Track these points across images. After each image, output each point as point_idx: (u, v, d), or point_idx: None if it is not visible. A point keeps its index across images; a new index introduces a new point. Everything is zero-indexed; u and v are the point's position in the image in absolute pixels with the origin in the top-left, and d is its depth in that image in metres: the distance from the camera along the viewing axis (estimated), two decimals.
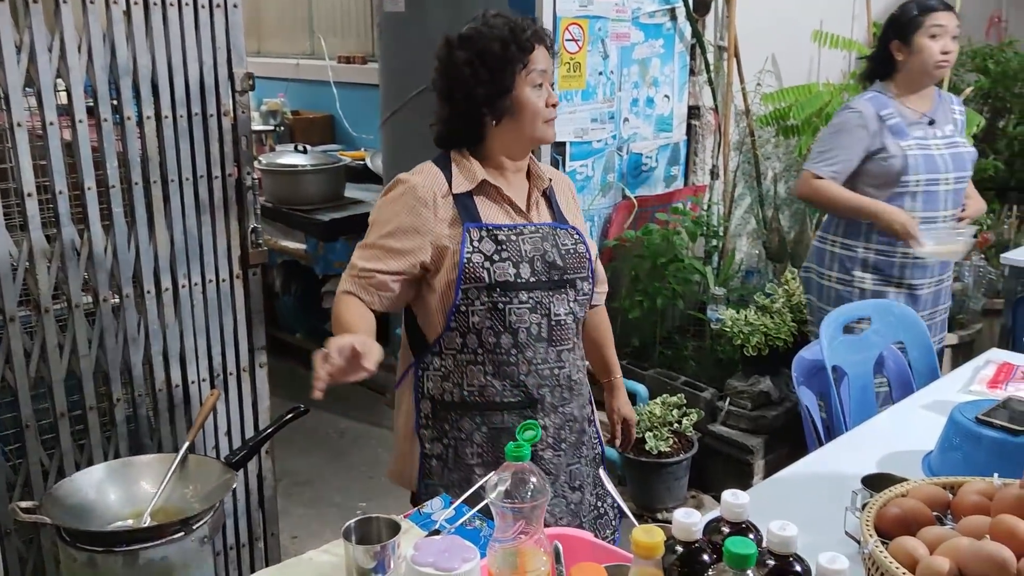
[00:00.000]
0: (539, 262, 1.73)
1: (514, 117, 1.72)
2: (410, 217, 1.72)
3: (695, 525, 1.01)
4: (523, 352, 1.73)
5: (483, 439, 1.77)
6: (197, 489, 1.74)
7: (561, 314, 1.76)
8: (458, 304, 1.72)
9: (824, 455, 1.85)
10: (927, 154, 2.64)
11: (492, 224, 1.72)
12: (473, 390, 1.75)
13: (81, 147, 2.14)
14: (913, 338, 2.32)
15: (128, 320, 2.30)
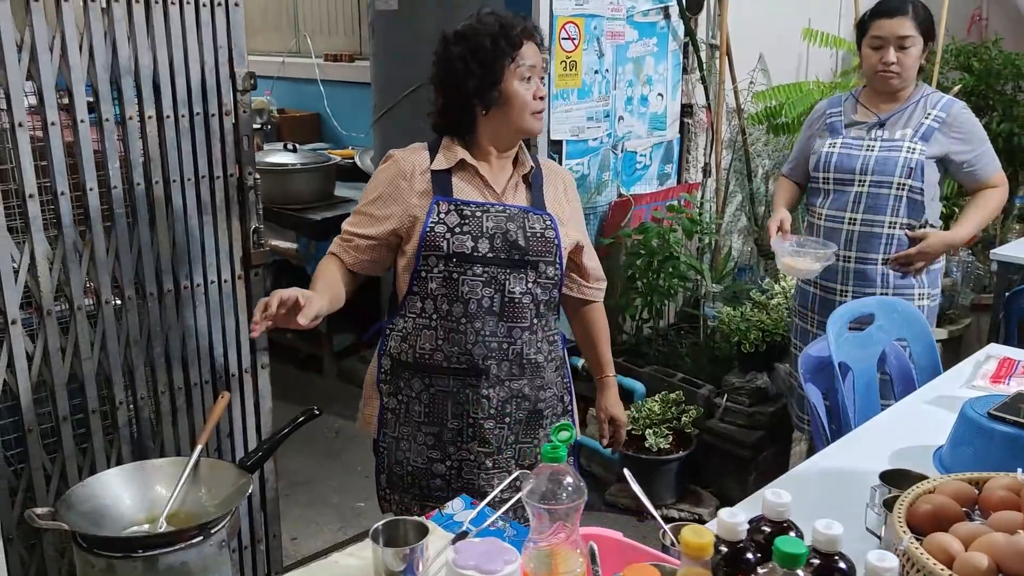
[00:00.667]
0: (499, 239, 1.84)
1: (502, 108, 1.85)
2: (390, 188, 1.90)
3: (740, 525, 1.02)
4: (472, 323, 1.85)
5: (429, 399, 1.91)
6: (212, 492, 1.72)
7: (516, 292, 1.86)
8: (419, 269, 1.86)
9: (836, 451, 1.87)
10: (847, 154, 2.60)
11: (461, 200, 1.86)
12: (424, 352, 1.89)
13: (83, 147, 2.12)
14: (915, 334, 2.35)
15: (130, 322, 2.27)
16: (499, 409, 1.90)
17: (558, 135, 3.17)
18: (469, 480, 1.93)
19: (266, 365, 2.58)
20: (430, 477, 1.95)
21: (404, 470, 1.98)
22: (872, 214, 2.57)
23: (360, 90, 5.24)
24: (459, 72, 1.84)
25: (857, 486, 1.69)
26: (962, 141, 2.56)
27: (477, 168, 1.89)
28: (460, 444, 1.92)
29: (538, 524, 1.18)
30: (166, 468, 1.77)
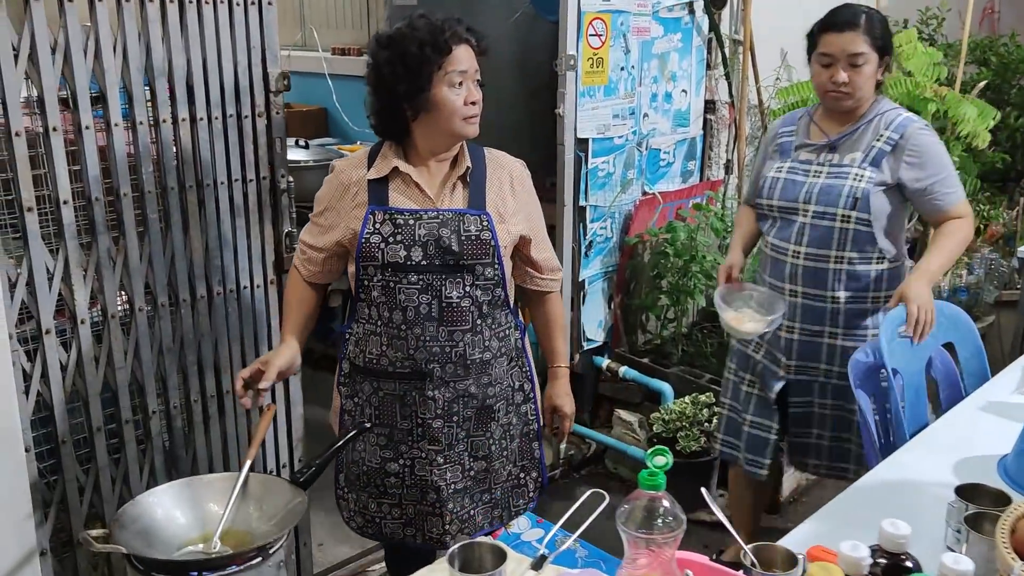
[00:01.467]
0: (432, 247, 1.84)
1: (431, 114, 1.83)
2: (332, 200, 1.93)
3: (864, 560, 0.98)
4: (412, 329, 1.87)
5: (378, 402, 1.95)
6: (263, 510, 1.67)
7: (454, 297, 1.87)
8: (361, 279, 1.89)
9: (897, 462, 1.84)
10: (792, 180, 2.34)
11: (395, 208, 1.86)
12: (372, 357, 1.93)
13: (116, 151, 2.06)
14: (963, 338, 2.32)
15: (163, 329, 2.22)
16: (446, 409, 1.93)
17: (584, 133, 3.12)
18: (422, 476, 1.96)
19: (298, 371, 2.53)
20: (384, 476, 1.99)
21: (360, 469, 2.02)
22: (817, 247, 2.30)
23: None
24: (387, 77, 1.83)
25: (925, 498, 1.66)
26: (916, 167, 2.25)
27: (410, 175, 1.88)
28: (411, 443, 1.95)
29: (633, 552, 1.14)
30: (215, 484, 1.72)
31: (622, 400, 3.36)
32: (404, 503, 1.99)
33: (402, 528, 2.01)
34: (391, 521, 2.01)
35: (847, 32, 2.20)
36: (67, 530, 2.16)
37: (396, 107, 1.84)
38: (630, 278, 3.45)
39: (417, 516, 2.00)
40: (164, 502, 1.65)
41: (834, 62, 2.23)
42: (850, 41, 2.21)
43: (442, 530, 1.98)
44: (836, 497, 1.70)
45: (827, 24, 2.25)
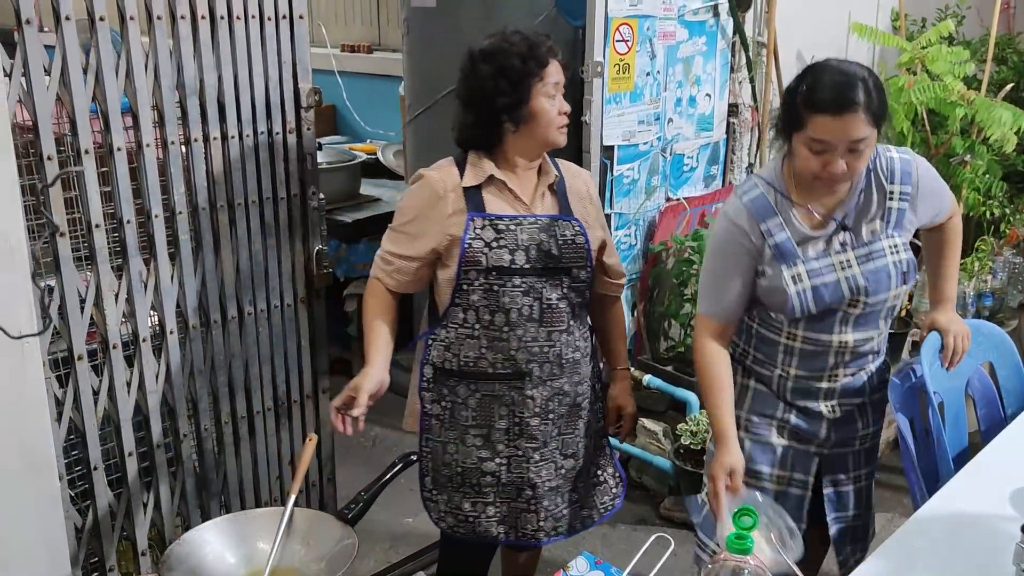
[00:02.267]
0: (534, 251, 1.91)
1: (529, 125, 1.90)
2: (425, 208, 1.93)
3: None
4: (514, 330, 1.93)
5: (476, 404, 1.98)
6: (310, 546, 1.65)
7: (553, 299, 1.95)
8: (460, 283, 1.92)
9: (950, 494, 1.80)
10: (821, 284, 1.85)
11: (494, 214, 1.92)
12: (469, 360, 1.96)
13: (148, 172, 2.01)
14: (1002, 358, 2.29)
15: (194, 352, 2.18)
16: (543, 407, 2.00)
17: (610, 140, 3.07)
18: (518, 474, 2.02)
19: (327, 389, 2.50)
20: (480, 475, 2.03)
21: (453, 471, 2.04)
22: (865, 331, 1.92)
23: (379, 82, 5.11)
24: (489, 90, 1.88)
25: (985, 534, 1.64)
26: (933, 205, 1.96)
27: (506, 182, 1.95)
28: (508, 442, 2.00)
29: None
30: (260, 519, 1.70)
31: (646, 409, 3.32)
32: (499, 502, 2.04)
33: (496, 526, 2.05)
34: (485, 520, 2.05)
35: (847, 115, 1.69)
36: (98, 555, 2.13)
37: (495, 119, 1.90)
38: (653, 285, 3.42)
39: (511, 514, 2.05)
40: (210, 539, 1.62)
41: (829, 150, 1.73)
42: (851, 126, 1.70)
43: (536, 527, 2.05)
44: (894, 533, 1.67)
45: (819, 105, 1.71)
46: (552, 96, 1.90)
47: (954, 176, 3.71)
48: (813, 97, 1.72)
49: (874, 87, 1.74)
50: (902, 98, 3.44)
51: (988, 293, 3.67)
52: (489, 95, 1.87)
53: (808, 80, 1.75)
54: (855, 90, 1.70)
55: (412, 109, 3.73)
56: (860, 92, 1.70)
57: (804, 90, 1.74)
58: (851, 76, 1.72)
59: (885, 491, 3.34)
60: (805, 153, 1.76)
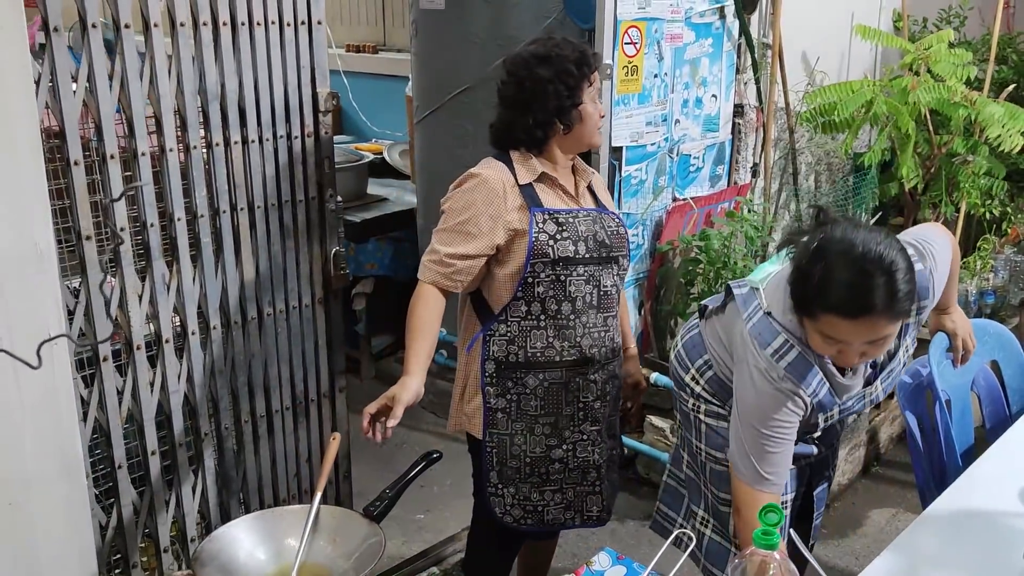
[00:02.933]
0: (591, 241, 2.03)
1: (577, 126, 2.02)
2: (486, 205, 1.97)
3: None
4: (579, 317, 2.04)
5: (544, 392, 2.07)
6: (336, 543, 1.69)
7: (607, 285, 2.08)
8: (526, 276, 1.99)
9: (960, 492, 1.84)
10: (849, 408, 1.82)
11: (552, 209, 2.02)
12: (536, 351, 2.04)
13: (171, 176, 2.05)
14: (1008, 356, 2.34)
15: (215, 352, 2.22)
16: (602, 390, 2.12)
17: (619, 141, 3.11)
18: (584, 458, 2.13)
19: (343, 388, 2.54)
20: (548, 463, 2.11)
21: (521, 463, 2.11)
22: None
23: (385, 82, 5.14)
24: (547, 93, 1.97)
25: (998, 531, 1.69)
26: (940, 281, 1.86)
27: (556, 179, 2.05)
28: (574, 427, 2.11)
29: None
30: (287, 517, 1.73)
31: (654, 406, 3.36)
32: (565, 487, 2.13)
33: (563, 512, 2.15)
34: (553, 507, 2.14)
35: (862, 319, 1.52)
36: (122, 553, 2.17)
37: (549, 120, 1.99)
38: (660, 284, 3.46)
39: (577, 498, 2.15)
40: (240, 537, 1.65)
41: (845, 343, 1.58)
42: (868, 329, 1.54)
43: (601, 507, 2.18)
44: (907, 529, 1.72)
45: (832, 306, 1.53)
46: (595, 100, 2.04)
47: (956, 176, 3.75)
48: (825, 296, 1.53)
49: (901, 282, 1.51)
50: (905, 98, 3.48)
51: (990, 291, 3.72)
52: (547, 97, 1.97)
53: (821, 270, 1.52)
54: (873, 294, 1.49)
55: (420, 110, 3.77)
56: (879, 295, 1.49)
57: (816, 282, 1.53)
58: (869, 276, 1.50)
59: (890, 487, 3.40)
60: (818, 340, 1.60)
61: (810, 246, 1.58)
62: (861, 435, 3.37)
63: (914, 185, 3.71)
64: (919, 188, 3.76)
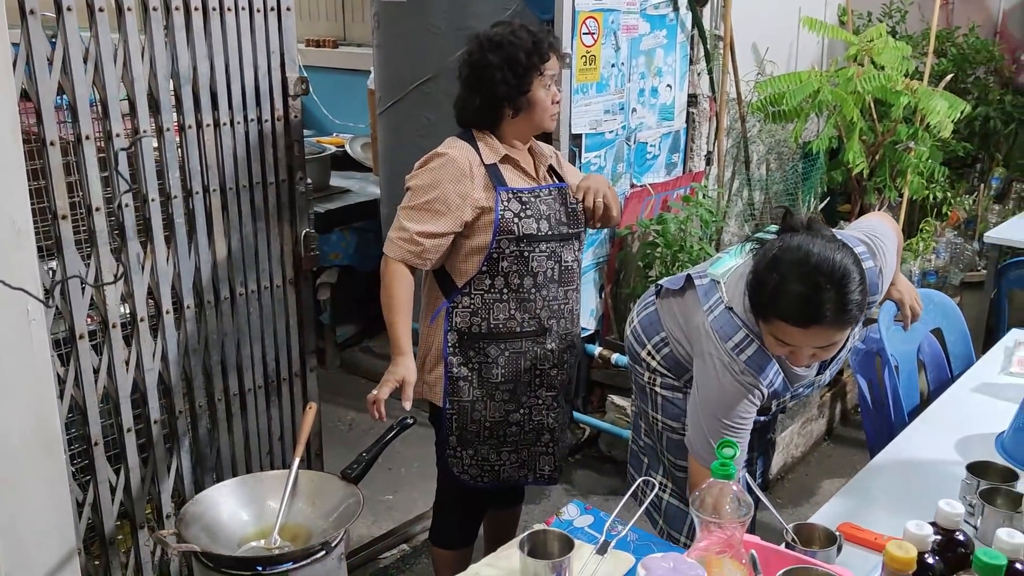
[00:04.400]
0: (553, 219, 2.12)
1: (527, 112, 2.09)
2: (453, 184, 2.04)
3: (928, 537, 1.10)
4: (540, 291, 2.15)
5: (506, 361, 2.16)
6: (316, 504, 1.75)
7: (568, 260, 2.18)
8: (491, 252, 2.08)
9: (903, 443, 1.97)
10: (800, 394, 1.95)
11: (516, 188, 2.10)
12: (499, 323, 2.13)
13: (145, 158, 2.09)
14: (950, 324, 2.48)
15: (189, 331, 2.26)
16: (559, 358, 2.23)
17: (578, 129, 3.21)
18: (539, 421, 2.25)
19: (314, 368, 2.59)
20: (507, 426, 2.22)
21: (480, 427, 2.21)
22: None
23: (345, 76, 5.19)
24: (494, 79, 2.05)
25: (935, 476, 1.81)
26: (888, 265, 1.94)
27: (518, 160, 2.14)
28: (531, 393, 2.22)
29: (705, 535, 1.25)
30: (268, 481, 1.80)
31: (615, 386, 3.47)
32: (520, 448, 2.25)
33: (518, 470, 2.27)
34: (509, 466, 2.25)
35: (812, 327, 1.60)
36: (98, 530, 2.20)
37: (497, 104, 2.07)
38: (620, 268, 3.56)
39: (531, 458, 2.27)
40: (223, 500, 1.71)
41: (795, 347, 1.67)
42: (817, 336, 1.62)
43: (553, 467, 2.30)
44: (854, 477, 1.83)
45: (783, 314, 1.61)
46: (548, 87, 2.09)
47: (899, 162, 3.92)
48: (778, 304, 1.61)
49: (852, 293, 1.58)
50: (850, 87, 3.63)
51: (932, 271, 3.89)
52: (494, 83, 2.04)
53: (776, 278, 1.60)
54: (823, 306, 1.57)
55: (383, 101, 3.83)
56: (829, 308, 1.57)
57: (770, 290, 1.61)
58: (820, 289, 1.57)
59: (841, 459, 3.54)
60: (771, 340, 1.68)
61: (768, 253, 1.66)
62: (813, 410, 3.51)
63: (860, 171, 3.86)
64: (865, 174, 3.92)
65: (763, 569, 1.28)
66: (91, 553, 2.20)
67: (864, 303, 1.63)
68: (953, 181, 4.41)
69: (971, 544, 1.16)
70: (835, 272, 1.57)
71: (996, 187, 4.48)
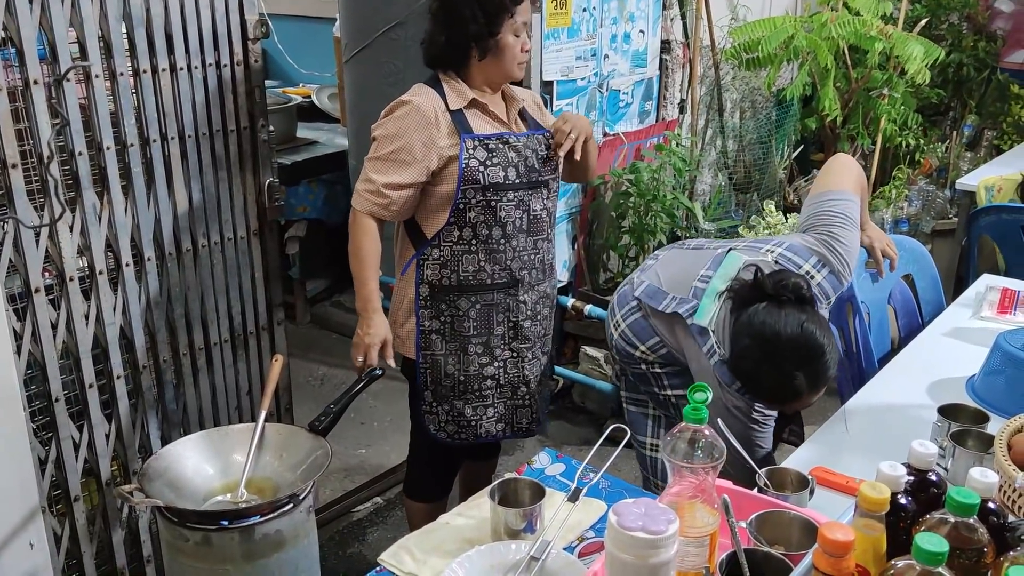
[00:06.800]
0: (522, 167, 2.06)
1: (495, 56, 2.03)
2: (418, 132, 1.99)
3: (902, 477, 1.09)
4: (509, 242, 2.09)
5: (477, 314, 2.12)
6: (283, 457, 1.72)
7: (537, 209, 2.13)
8: (458, 203, 2.03)
9: (875, 388, 1.97)
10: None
11: (482, 135, 2.04)
12: (468, 275, 2.09)
13: (98, 104, 2.01)
14: (921, 270, 2.47)
15: (151, 284, 2.20)
16: (533, 310, 2.19)
17: (549, 75, 3.14)
18: (514, 374, 2.21)
19: (282, 321, 2.54)
20: (482, 380, 2.18)
21: (455, 381, 2.17)
22: None
23: (311, 24, 5.05)
24: (464, 16, 1.99)
25: (907, 419, 1.81)
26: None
27: (487, 104, 2.07)
28: (504, 346, 2.18)
29: (677, 480, 1.23)
30: (233, 435, 1.76)
31: (587, 337, 3.46)
32: (497, 402, 2.21)
33: (495, 425, 2.23)
34: (486, 421, 2.22)
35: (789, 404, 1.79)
36: (63, 487, 2.16)
37: (464, 44, 2.00)
38: (592, 219, 3.53)
39: (508, 411, 2.24)
40: (187, 454, 1.67)
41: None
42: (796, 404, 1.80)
43: (531, 419, 2.27)
44: (825, 423, 1.83)
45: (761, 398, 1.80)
46: (518, 34, 2.02)
47: (874, 108, 3.89)
48: (756, 392, 1.76)
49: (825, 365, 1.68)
50: (824, 33, 3.59)
51: (904, 219, 3.89)
52: (464, 20, 1.98)
53: (749, 370, 1.72)
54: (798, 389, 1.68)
55: (348, 49, 3.73)
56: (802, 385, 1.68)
57: (746, 380, 1.75)
58: (792, 376, 1.67)
59: (827, 397, 3.55)
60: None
61: (740, 339, 1.73)
62: None
63: (833, 119, 3.84)
64: (838, 122, 3.89)
65: (736, 513, 1.26)
66: (56, 511, 2.16)
67: (835, 367, 1.72)
68: (926, 129, 4.40)
69: (943, 484, 1.15)
70: (803, 353, 1.67)
71: (968, 135, 4.48)
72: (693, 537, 1.21)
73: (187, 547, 1.51)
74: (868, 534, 1.01)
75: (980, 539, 0.99)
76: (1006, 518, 1.09)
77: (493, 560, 1.29)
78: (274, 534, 1.53)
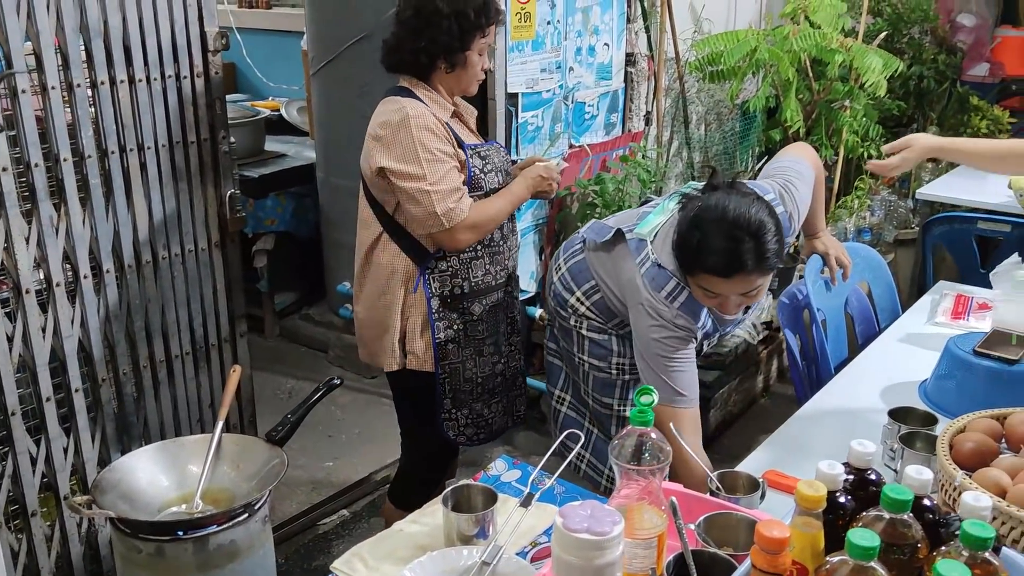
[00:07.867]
0: (503, 172, 2.18)
1: (458, 71, 2.08)
2: (437, 141, 2.01)
3: (840, 476, 1.10)
4: (505, 242, 2.22)
5: (487, 316, 2.21)
6: (240, 468, 1.71)
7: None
8: None
9: (830, 392, 2.00)
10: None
11: (472, 144, 2.12)
12: (478, 279, 2.16)
13: (54, 115, 2.01)
14: (877, 277, 2.50)
15: (110, 297, 2.19)
16: (521, 304, 2.35)
17: (513, 88, 3.16)
18: (513, 366, 2.33)
19: (244, 333, 2.54)
20: (494, 378, 2.27)
21: (473, 385, 2.23)
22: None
23: (279, 38, 5.06)
24: (440, 27, 2.01)
25: (859, 423, 1.83)
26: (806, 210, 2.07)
27: (462, 115, 2.17)
28: (506, 342, 2.29)
29: (625, 482, 1.24)
30: (189, 446, 1.75)
31: None
32: (503, 396, 2.31)
33: (502, 418, 2.33)
34: (498, 417, 2.31)
35: (736, 276, 1.72)
36: (20, 502, 2.13)
37: (434, 53, 2.04)
38: (559, 229, 3.54)
39: (509, 402, 2.34)
40: (141, 466, 1.66)
41: (722, 296, 1.78)
42: (741, 284, 1.73)
43: (523, 405, 2.39)
44: (780, 427, 1.85)
45: (708, 267, 1.73)
46: (482, 53, 2.10)
47: (835, 120, 3.95)
48: (702, 259, 1.72)
49: (770, 242, 1.69)
50: (786, 46, 3.64)
51: (867, 229, 3.94)
52: (439, 31, 2.01)
53: (698, 237, 1.71)
54: (743, 256, 1.68)
55: (316, 61, 3.74)
56: (749, 256, 1.68)
57: (694, 247, 1.72)
58: (739, 241, 1.67)
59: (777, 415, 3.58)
60: (700, 293, 1.79)
61: (690, 213, 1.77)
62: (750, 368, 3.55)
63: (796, 130, 3.89)
64: (801, 133, 3.94)
65: (685, 516, 1.27)
66: (13, 527, 2.14)
67: (781, 250, 1.75)
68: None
69: (882, 483, 1.17)
70: (751, 225, 1.70)
71: None
72: (641, 539, 1.22)
73: (140, 559, 1.50)
74: (806, 532, 1.03)
75: (914, 535, 1.01)
76: (941, 514, 1.11)
77: (445, 566, 1.30)
78: (228, 544, 1.52)
